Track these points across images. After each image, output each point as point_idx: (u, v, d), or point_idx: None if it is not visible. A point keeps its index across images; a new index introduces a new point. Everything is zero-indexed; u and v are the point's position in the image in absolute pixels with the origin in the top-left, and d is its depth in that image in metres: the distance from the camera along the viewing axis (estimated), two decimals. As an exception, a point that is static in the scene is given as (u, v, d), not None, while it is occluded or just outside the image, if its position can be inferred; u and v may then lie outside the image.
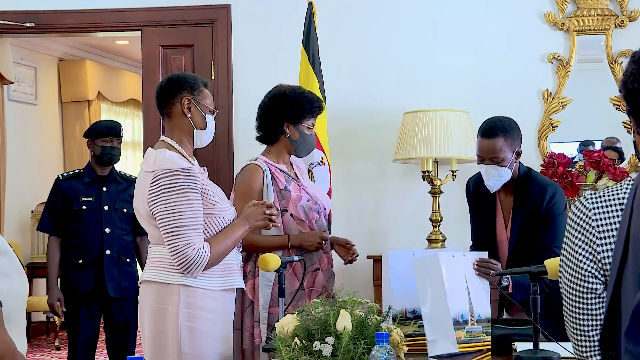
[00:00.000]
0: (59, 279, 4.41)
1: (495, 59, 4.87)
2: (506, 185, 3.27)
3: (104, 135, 4.39)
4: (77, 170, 4.49)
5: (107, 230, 4.31)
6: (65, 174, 4.47)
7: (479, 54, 4.89)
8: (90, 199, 4.34)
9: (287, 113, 3.35)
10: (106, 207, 4.35)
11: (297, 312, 2.32)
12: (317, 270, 3.34)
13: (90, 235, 4.30)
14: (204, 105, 2.90)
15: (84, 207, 4.32)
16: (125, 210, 4.39)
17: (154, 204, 2.69)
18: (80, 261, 4.29)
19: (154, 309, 2.76)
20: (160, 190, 2.68)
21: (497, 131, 3.18)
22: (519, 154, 3.24)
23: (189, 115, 2.86)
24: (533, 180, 3.25)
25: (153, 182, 2.70)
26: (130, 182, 4.48)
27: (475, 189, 3.42)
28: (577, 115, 4.81)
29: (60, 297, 4.32)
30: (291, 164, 3.50)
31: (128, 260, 4.38)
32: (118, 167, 4.63)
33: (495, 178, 3.21)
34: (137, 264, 4.50)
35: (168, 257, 2.71)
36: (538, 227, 3.18)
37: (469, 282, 2.66)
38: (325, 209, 3.45)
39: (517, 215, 3.22)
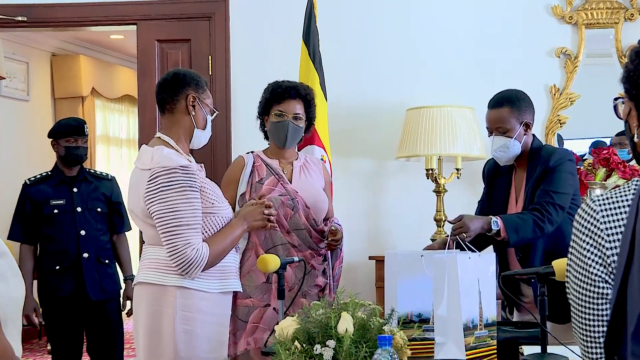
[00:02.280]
0: (33, 288, 4.33)
1: (501, 53, 4.87)
2: (520, 161, 3.28)
3: (68, 135, 4.32)
4: (44, 174, 4.41)
5: (83, 232, 4.26)
6: (32, 178, 4.38)
7: (484, 49, 4.89)
8: (61, 201, 4.28)
9: (260, 107, 3.56)
10: (79, 209, 4.29)
11: (296, 315, 2.33)
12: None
13: (65, 239, 4.24)
14: (206, 104, 2.91)
15: (55, 210, 4.26)
16: (99, 209, 4.34)
17: (152, 202, 2.69)
18: (58, 267, 4.23)
19: (149, 311, 2.76)
20: (159, 188, 2.68)
21: (503, 101, 3.26)
22: (528, 126, 3.26)
23: (193, 114, 2.87)
24: (544, 149, 3.26)
25: (150, 180, 2.70)
26: (101, 179, 4.45)
27: (494, 167, 3.43)
28: (586, 111, 4.81)
29: (36, 307, 4.27)
30: (292, 161, 3.55)
31: (107, 261, 4.34)
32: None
33: (502, 149, 3.23)
34: (117, 264, 4.46)
35: (164, 258, 2.71)
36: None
37: (481, 285, 2.66)
38: (308, 207, 3.45)
39: (528, 188, 3.22)
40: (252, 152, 3.57)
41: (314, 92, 3.64)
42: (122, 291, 4.46)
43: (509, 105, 3.24)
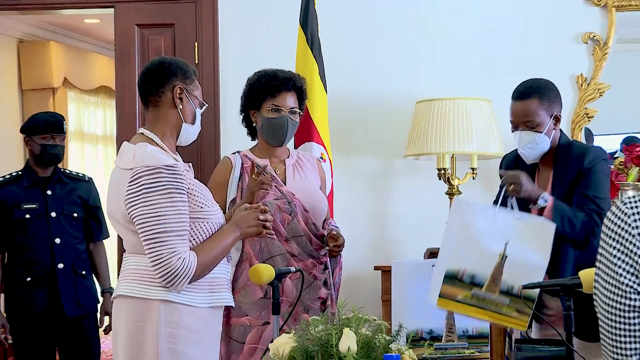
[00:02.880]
0: (1, 302, 4.34)
1: (521, 39, 4.87)
2: (545, 158, 3.30)
3: (44, 132, 4.31)
4: (14, 174, 4.40)
5: (58, 240, 4.27)
6: (1, 179, 4.38)
7: (503, 35, 4.89)
8: (34, 205, 4.27)
9: (249, 100, 3.57)
10: (53, 214, 4.29)
11: (292, 331, 2.34)
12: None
13: (39, 248, 4.24)
14: (195, 96, 2.92)
15: (27, 215, 4.26)
16: (75, 215, 4.35)
17: (133, 206, 2.70)
18: (29, 278, 4.23)
19: (130, 327, 2.76)
20: (141, 190, 2.69)
21: (531, 92, 3.27)
22: (558, 120, 3.28)
23: (180, 107, 2.88)
24: (575, 147, 3.28)
25: (132, 181, 2.71)
26: (77, 181, 4.46)
27: (515, 162, 3.44)
28: (617, 103, 4.82)
29: (4, 323, 4.27)
30: (284, 160, 3.58)
31: (84, 272, 4.35)
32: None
33: (530, 145, 3.25)
34: (93, 275, 4.47)
35: (147, 269, 2.72)
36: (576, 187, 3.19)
37: (510, 248, 2.69)
38: (307, 210, 3.48)
39: (556, 190, 3.23)
40: (238, 152, 3.57)
41: (306, 83, 3.66)
42: (99, 305, 4.47)
43: (537, 96, 3.25)
